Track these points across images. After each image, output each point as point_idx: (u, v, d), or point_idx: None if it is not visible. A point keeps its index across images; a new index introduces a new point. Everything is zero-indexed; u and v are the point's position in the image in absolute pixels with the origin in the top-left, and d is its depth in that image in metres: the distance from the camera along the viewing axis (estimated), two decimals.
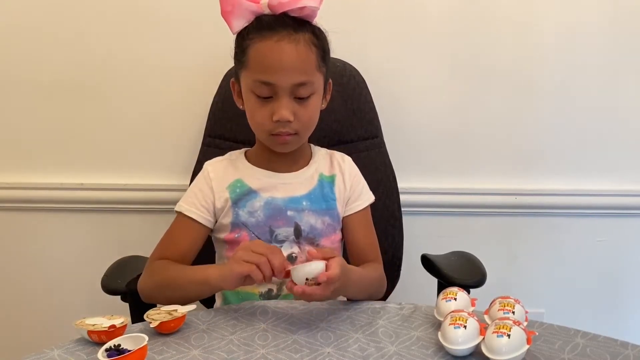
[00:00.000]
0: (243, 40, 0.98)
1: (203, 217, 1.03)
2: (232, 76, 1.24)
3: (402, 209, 1.28)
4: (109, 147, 1.44)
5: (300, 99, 0.98)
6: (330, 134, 1.23)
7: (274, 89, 0.96)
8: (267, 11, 0.96)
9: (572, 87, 1.45)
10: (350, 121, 1.26)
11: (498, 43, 1.42)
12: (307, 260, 0.88)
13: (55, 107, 1.42)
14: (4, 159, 1.45)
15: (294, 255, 1.03)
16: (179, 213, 1.04)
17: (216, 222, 1.05)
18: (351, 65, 1.28)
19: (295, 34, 0.95)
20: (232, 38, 1.02)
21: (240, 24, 0.97)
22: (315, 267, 0.84)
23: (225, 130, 1.25)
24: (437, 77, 1.44)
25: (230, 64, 1.25)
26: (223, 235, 1.04)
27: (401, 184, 1.30)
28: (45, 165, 1.45)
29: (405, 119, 1.44)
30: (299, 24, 0.96)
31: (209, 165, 1.08)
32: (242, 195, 1.04)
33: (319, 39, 0.99)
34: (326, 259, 0.86)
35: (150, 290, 0.98)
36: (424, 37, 1.42)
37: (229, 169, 1.07)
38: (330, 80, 1.06)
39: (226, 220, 1.03)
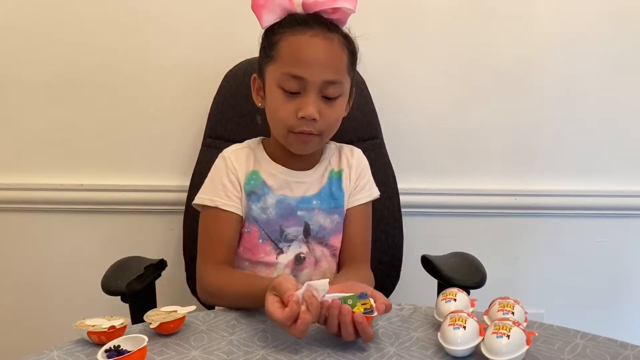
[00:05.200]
0: (273, 34, 0.96)
1: (239, 207, 1.02)
2: (232, 77, 1.25)
3: (402, 210, 1.28)
4: (108, 147, 1.44)
5: (327, 99, 0.96)
6: None
7: (303, 84, 0.94)
8: (299, 10, 0.96)
9: (572, 87, 1.45)
10: (350, 122, 1.25)
11: (498, 43, 1.42)
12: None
13: (55, 108, 1.42)
14: (4, 159, 1.45)
15: (302, 255, 1.04)
16: (214, 208, 1.01)
17: None
18: None
19: (329, 33, 0.95)
20: (233, 39, 1.02)
21: (271, 18, 0.96)
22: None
23: (225, 131, 1.25)
24: (437, 77, 1.44)
25: (230, 65, 1.27)
26: None
27: (401, 185, 1.30)
28: (45, 166, 1.44)
29: (405, 120, 1.44)
30: (332, 25, 0.96)
31: (230, 154, 1.05)
32: (255, 187, 1.03)
33: (350, 44, 0.99)
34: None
35: (217, 303, 0.97)
36: (424, 37, 1.42)
37: (250, 157, 1.05)
38: (354, 89, 1.04)
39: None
